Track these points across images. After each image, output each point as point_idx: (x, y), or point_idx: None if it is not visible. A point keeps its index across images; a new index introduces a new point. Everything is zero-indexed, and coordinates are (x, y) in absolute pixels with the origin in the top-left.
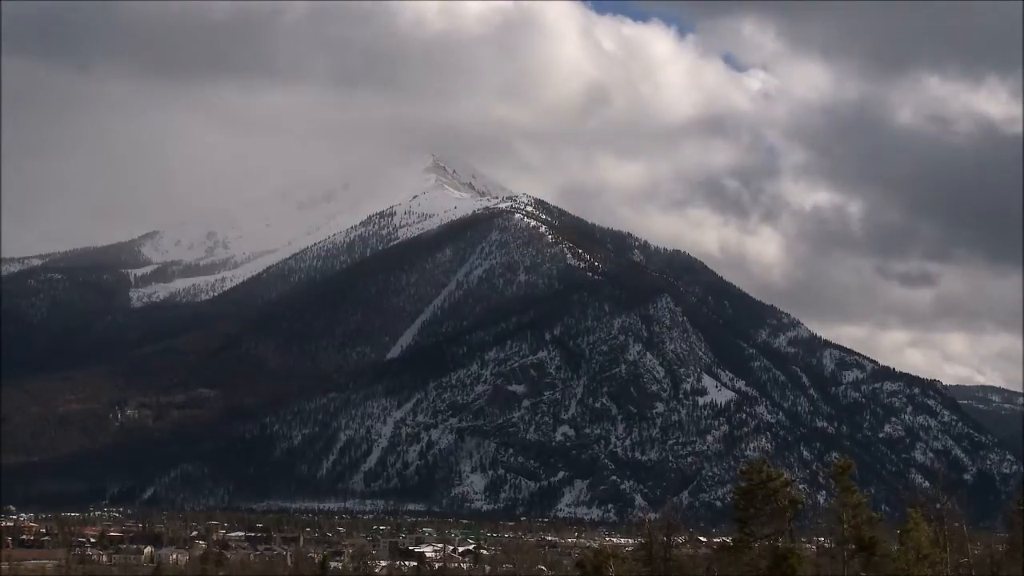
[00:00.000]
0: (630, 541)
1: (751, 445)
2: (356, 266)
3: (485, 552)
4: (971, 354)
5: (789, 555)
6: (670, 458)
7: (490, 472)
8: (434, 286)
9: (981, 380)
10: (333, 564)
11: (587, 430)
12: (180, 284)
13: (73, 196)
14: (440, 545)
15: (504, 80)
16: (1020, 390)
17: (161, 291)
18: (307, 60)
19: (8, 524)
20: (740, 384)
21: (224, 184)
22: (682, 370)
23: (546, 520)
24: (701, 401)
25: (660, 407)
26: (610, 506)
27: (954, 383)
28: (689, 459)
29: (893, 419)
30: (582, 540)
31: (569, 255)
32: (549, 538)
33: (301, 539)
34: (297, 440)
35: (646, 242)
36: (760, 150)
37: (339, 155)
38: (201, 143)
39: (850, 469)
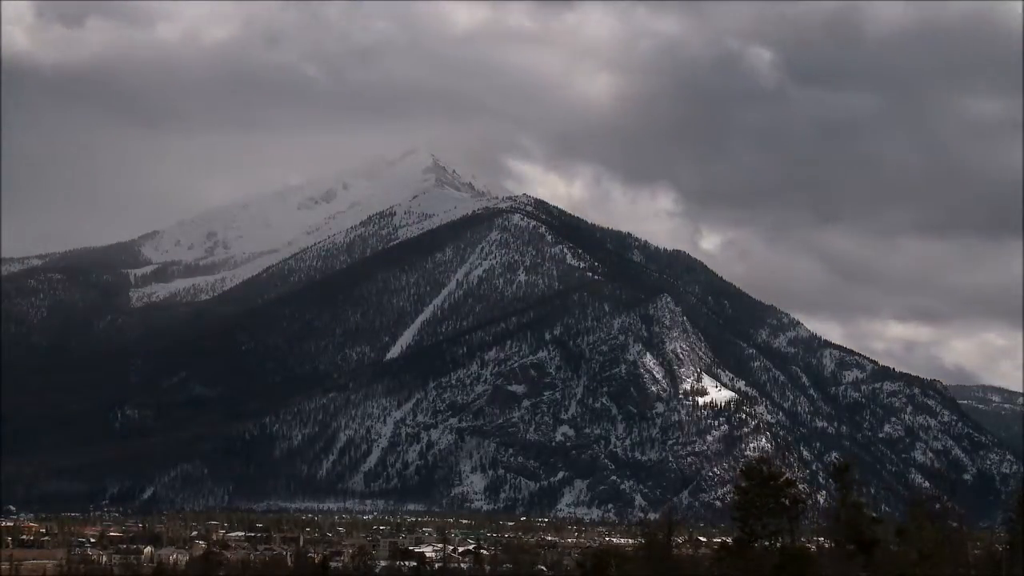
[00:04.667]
0: (630, 541)
1: (751, 445)
2: (356, 266)
3: (485, 552)
4: None
5: (800, 555)
6: (670, 458)
7: (490, 472)
8: (434, 286)
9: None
10: (333, 564)
11: (587, 430)
12: (180, 284)
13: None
14: (440, 545)
15: None
16: (1020, 390)
17: (161, 291)
18: None
19: (8, 524)
20: (740, 384)
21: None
22: (682, 370)
23: (546, 520)
24: (701, 401)
25: (660, 407)
26: (610, 506)
27: (954, 383)
28: (689, 459)
29: (893, 419)
30: (582, 540)
31: (569, 255)
32: (549, 538)
33: (301, 539)
34: (297, 440)
35: (646, 242)
36: None
37: (339, 155)
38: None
39: (851, 469)
